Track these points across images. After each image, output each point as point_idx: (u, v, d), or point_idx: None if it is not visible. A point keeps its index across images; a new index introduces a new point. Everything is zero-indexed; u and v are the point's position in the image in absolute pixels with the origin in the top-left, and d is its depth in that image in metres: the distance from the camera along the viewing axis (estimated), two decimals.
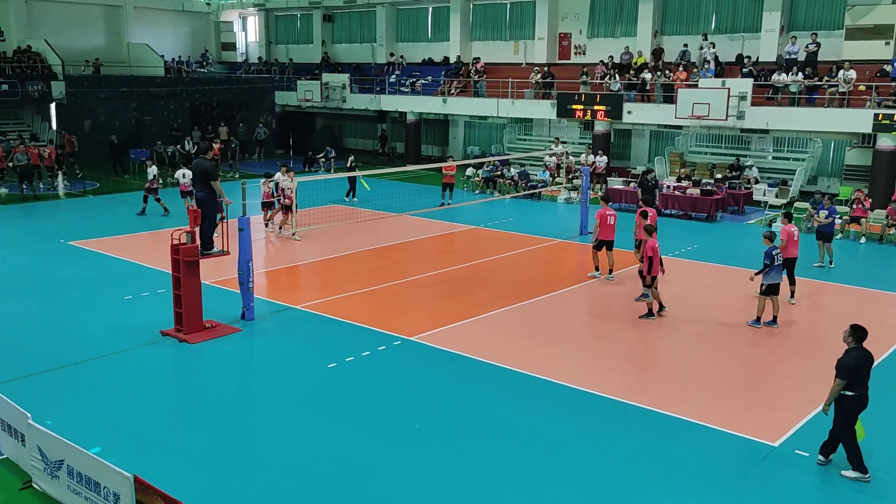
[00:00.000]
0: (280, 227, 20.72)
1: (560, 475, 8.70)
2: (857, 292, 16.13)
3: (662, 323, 13.86)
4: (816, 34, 26.85)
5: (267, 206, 21.24)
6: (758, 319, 13.68)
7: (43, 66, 36.58)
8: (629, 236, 18.42)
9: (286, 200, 20.12)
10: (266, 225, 21.27)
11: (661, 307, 14.20)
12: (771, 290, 13.56)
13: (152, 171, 23.66)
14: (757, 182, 26.35)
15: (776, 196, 25.63)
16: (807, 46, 26.59)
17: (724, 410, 10.36)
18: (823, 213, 17.83)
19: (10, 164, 26.87)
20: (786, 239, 14.58)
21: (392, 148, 40.33)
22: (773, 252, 13.47)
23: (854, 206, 20.96)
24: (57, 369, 11.48)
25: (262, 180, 21.28)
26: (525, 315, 14.43)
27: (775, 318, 13.70)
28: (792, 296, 15.08)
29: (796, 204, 23.19)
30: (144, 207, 23.60)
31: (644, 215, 16.65)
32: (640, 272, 14.01)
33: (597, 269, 16.83)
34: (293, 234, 20.02)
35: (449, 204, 24.13)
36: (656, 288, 14.00)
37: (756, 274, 13.71)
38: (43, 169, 28.43)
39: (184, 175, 22.80)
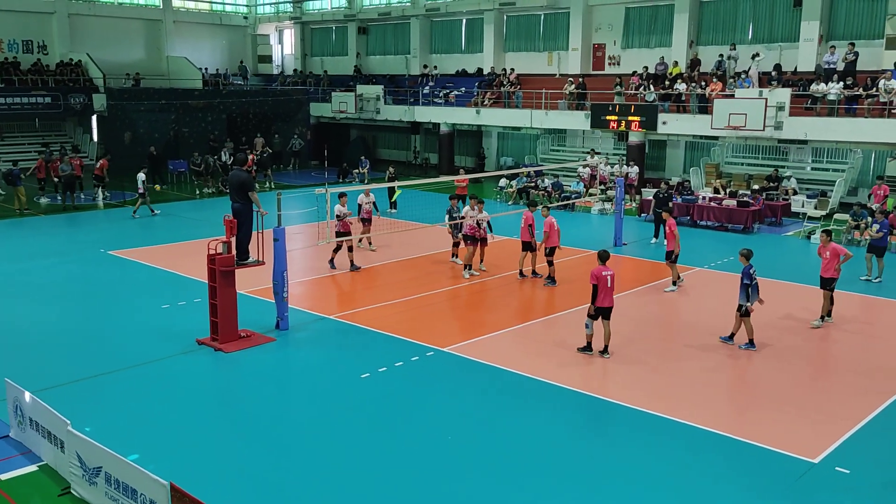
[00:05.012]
0: (467, 266, 17.83)
1: (593, 488, 8.61)
2: None
3: (695, 335, 13.67)
4: (854, 44, 26.40)
5: (342, 234, 17.90)
6: (751, 342, 13.05)
7: (85, 78, 37.47)
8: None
9: (481, 233, 17.68)
10: (466, 268, 17.90)
11: (589, 346, 12.84)
12: (747, 311, 13.06)
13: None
14: (795, 193, 25.91)
15: (815, 207, 25.16)
16: (845, 56, 26.15)
17: (760, 425, 10.17)
18: (875, 227, 17.45)
19: (54, 175, 27.49)
20: (548, 230, 16.63)
21: (426, 159, 40.47)
22: (752, 271, 13.01)
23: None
24: (96, 377, 11.68)
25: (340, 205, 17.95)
26: (558, 326, 14.35)
27: (733, 335, 13.25)
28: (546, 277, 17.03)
29: (836, 216, 22.77)
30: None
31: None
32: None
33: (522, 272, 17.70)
34: (478, 268, 18.00)
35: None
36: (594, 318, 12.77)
37: (748, 302, 12.99)
38: (88, 179, 28.99)
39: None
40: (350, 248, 18.37)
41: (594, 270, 12.54)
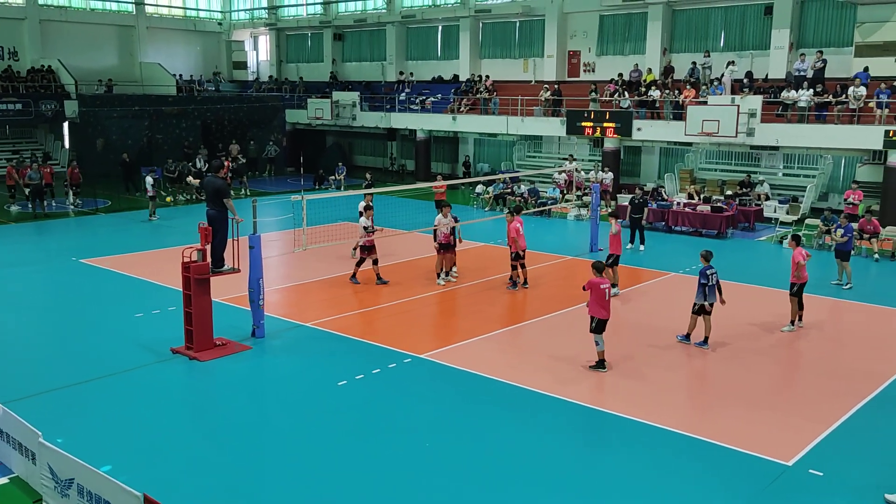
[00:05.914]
0: (443, 272, 17.86)
1: (570, 494, 8.63)
2: (872, 310, 16.01)
3: (670, 340, 13.78)
4: (822, 51, 26.87)
5: (366, 249, 17.57)
6: (687, 336, 13.55)
7: (56, 85, 37.04)
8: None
9: (452, 239, 17.83)
10: (438, 276, 17.84)
11: (602, 363, 12.39)
12: (703, 310, 13.33)
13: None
14: (768, 198, 26.27)
15: (787, 212, 25.54)
16: (814, 64, 26.59)
17: (734, 428, 10.26)
18: (840, 232, 17.65)
19: (22, 184, 27.12)
20: (515, 235, 16.71)
21: (402, 165, 40.49)
22: (709, 272, 13.27)
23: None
24: (68, 387, 11.51)
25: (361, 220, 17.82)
26: (535, 332, 14.40)
27: (689, 335, 13.55)
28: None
29: (807, 221, 23.10)
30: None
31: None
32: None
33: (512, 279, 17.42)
34: (446, 276, 17.91)
35: None
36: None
37: (705, 300, 13.29)
38: (59, 187, 28.71)
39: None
40: (375, 262, 17.75)
41: (592, 280, 12.34)
